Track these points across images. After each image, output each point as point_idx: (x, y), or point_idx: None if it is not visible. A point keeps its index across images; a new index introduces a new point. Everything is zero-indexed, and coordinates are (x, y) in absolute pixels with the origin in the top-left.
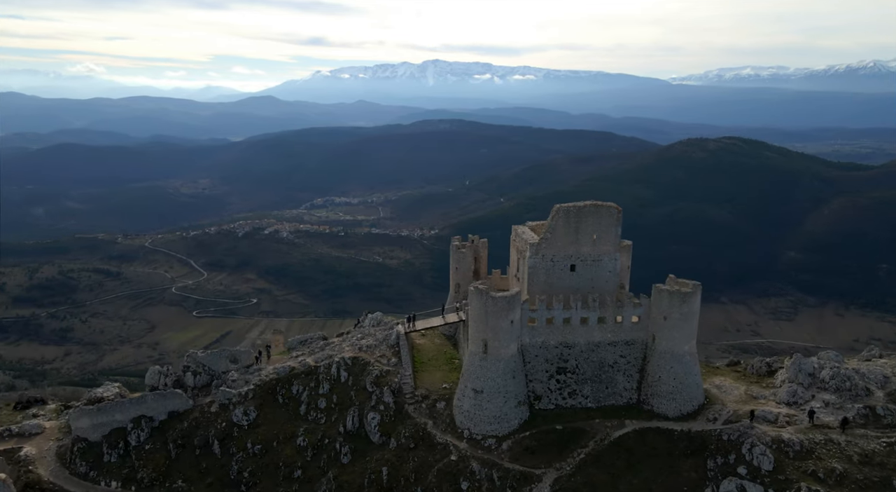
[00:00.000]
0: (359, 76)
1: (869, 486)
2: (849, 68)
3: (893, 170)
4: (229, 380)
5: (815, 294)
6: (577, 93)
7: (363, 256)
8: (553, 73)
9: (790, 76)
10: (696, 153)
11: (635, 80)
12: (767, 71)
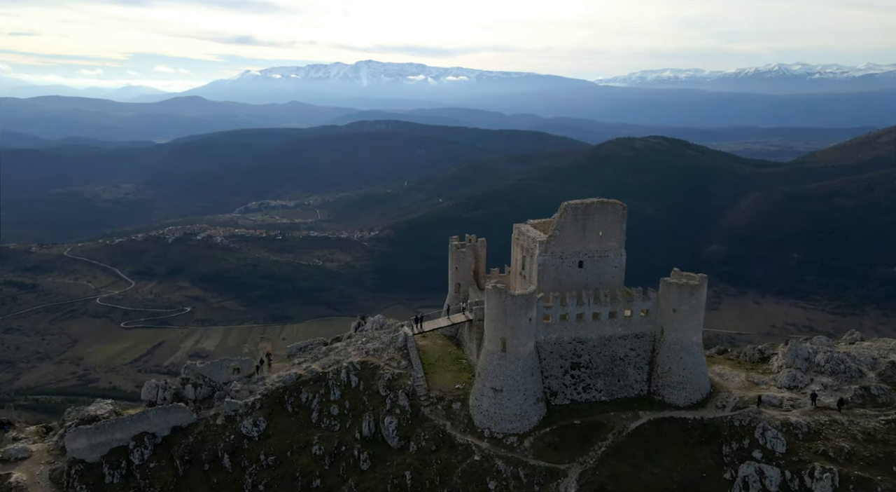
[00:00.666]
0: (291, 76)
1: (875, 462)
2: (757, 71)
3: (800, 166)
4: (233, 391)
5: (735, 284)
6: (509, 94)
7: (302, 259)
8: (486, 75)
9: (706, 79)
10: (625, 152)
11: (564, 82)
12: (685, 74)
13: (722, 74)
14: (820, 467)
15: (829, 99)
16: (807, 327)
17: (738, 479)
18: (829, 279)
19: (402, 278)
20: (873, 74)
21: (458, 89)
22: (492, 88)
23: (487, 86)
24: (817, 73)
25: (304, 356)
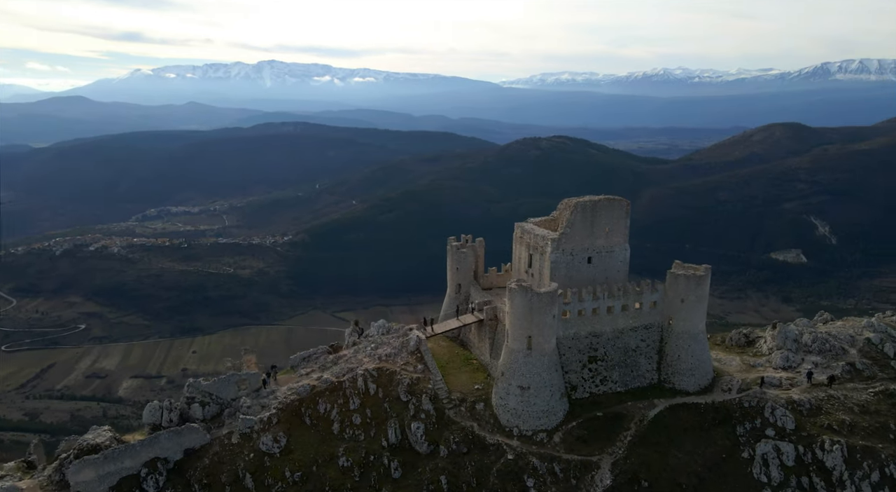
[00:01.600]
0: (187, 76)
1: (874, 432)
2: (645, 75)
3: (687, 164)
4: (243, 407)
5: (637, 273)
6: (416, 95)
7: (211, 267)
8: (393, 76)
9: (600, 81)
10: (531, 151)
11: (470, 83)
12: (581, 76)
13: (614, 77)
14: (829, 439)
15: (707, 101)
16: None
17: (756, 457)
18: (716, 266)
19: (319, 283)
20: (744, 78)
21: (365, 91)
22: (399, 90)
23: (395, 87)
24: (696, 77)
25: (310, 366)
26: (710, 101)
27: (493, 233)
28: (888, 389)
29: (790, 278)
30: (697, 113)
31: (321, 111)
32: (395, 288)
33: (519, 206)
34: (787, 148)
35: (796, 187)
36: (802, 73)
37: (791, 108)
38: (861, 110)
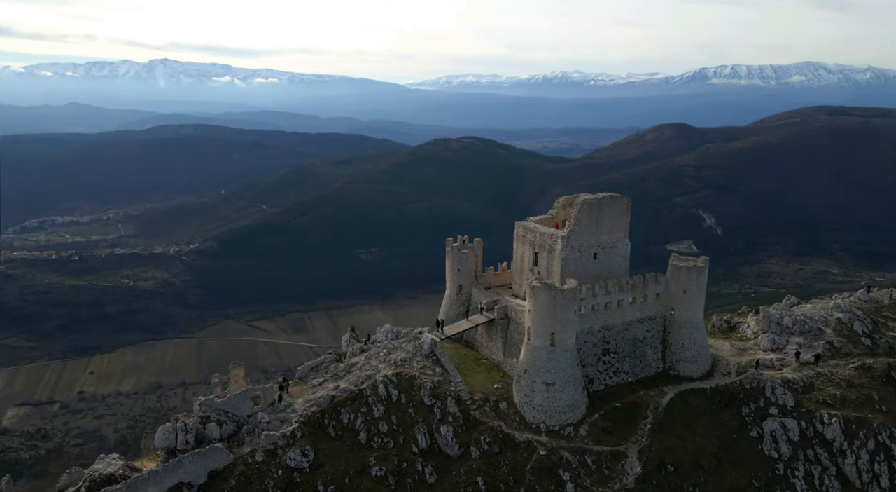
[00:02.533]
0: (67, 74)
1: (862, 403)
2: (545, 78)
3: (589, 162)
4: (262, 422)
5: None
6: (323, 96)
7: (108, 281)
8: (297, 77)
9: (503, 83)
10: (442, 152)
11: (377, 85)
12: (486, 78)
13: (517, 80)
14: (826, 413)
15: (602, 102)
16: None
17: (765, 434)
18: None
19: (231, 292)
20: (633, 82)
21: (269, 92)
22: (305, 91)
23: (300, 88)
24: (592, 80)
25: (321, 376)
26: (604, 102)
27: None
28: (865, 363)
29: None
30: (594, 114)
31: (222, 113)
32: (312, 293)
33: (434, 206)
34: (675, 147)
35: (686, 183)
36: (684, 78)
37: (676, 109)
38: (735, 112)
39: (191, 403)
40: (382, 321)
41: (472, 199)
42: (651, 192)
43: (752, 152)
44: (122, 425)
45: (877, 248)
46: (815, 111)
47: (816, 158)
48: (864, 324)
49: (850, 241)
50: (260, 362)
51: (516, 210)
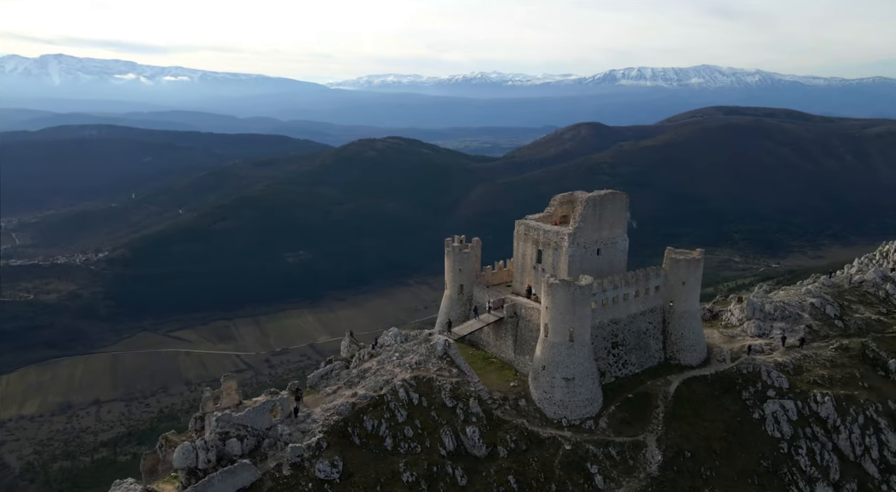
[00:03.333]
0: None
1: (848, 382)
2: (465, 78)
3: (511, 161)
4: (284, 435)
5: None
6: (240, 96)
7: (4, 295)
8: (210, 75)
9: (424, 84)
10: (367, 152)
11: (297, 85)
12: (407, 78)
13: (438, 80)
14: (819, 393)
15: (520, 102)
16: None
17: (767, 416)
18: None
19: (147, 302)
20: (549, 82)
21: (179, 91)
22: (219, 90)
23: (214, 87)
24: (510, 81)
25: (334, 383)
26: (522, 102)
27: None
28: (842, 344)
29: None
30: (513, 113)
31: (128, 113)
32: (238, 300)
33: (360, 207)
34: (591, 145)
35: (602, 180)
36: (595, 79)
37: (590, 109)
38: (643, 111)
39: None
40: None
41: (398, 199)
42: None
43: (662, 150)
44: (26, 451)
45: (770, 236)
46: (714, 111)
47: (717, 154)
48: (834, 307)
49: (748, 230)
50: (183, 374)
51: (443, 209)
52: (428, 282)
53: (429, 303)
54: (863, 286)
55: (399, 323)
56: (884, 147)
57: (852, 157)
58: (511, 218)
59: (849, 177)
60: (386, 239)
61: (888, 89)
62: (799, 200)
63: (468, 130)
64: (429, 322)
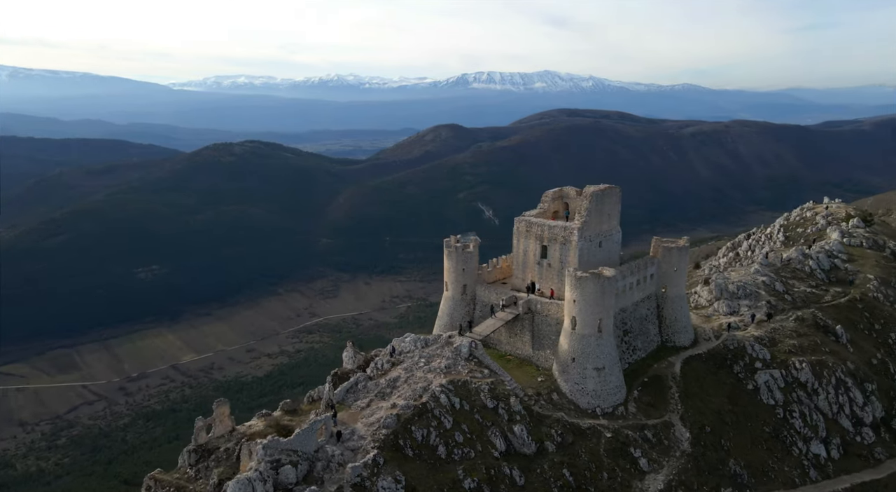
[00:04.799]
0: None
1: (814, 349)
2: (321, 81)
3: (376, 163)
4: (336, 456)
5: (347, 271)
6: (63, 96)
7: None
8: (23, 72)
9: (279, 85)
10: (224, 157)
11: (133, 85)
12: (259, 80)
13: (293, 82)
14: (797, 361)
15: (378, 105)
16: (407, 297)
17: (760, 386)
18: (414, 254)
19: None
20: (405, 85)
21: None
22: (36, 89)
23: (28, 86)
24: (367, 83)
25: (362, 396)
26: (380, 105)
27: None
28: (798, 316)
29: None
30: (372, 116)
31: None
32: (81, 324)
33: (221, 215)
34: (452, 146)
35: (465, 179)
36: (449, 82)
37: (446, 111)
38: (496, 113)
39: None
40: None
41: (262, 205)
42: (436, 188)
43: (517, 149)
44: None
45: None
46: (558, 113)
47: (564, 152)
48: (780, 284)
49: None
50: (15, 415)
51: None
52: (299, 289)
53: (301, 310)
54: (791, 264)
55: (272, 334)
56: (697, 145)
57: (673, 154)
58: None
59: (672, 171)
60: (251, 247)
61: (695, 95)
62: (635, 193)
63: (328, 133)
64: (304, 330)
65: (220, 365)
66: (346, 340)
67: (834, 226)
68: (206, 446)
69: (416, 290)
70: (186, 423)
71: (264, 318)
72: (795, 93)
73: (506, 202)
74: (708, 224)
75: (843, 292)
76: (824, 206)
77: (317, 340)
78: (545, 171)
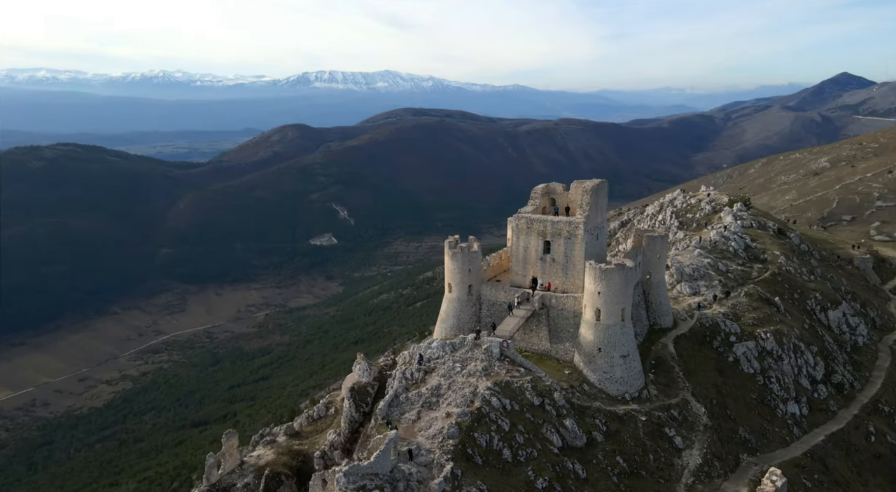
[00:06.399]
0: None
1: (768, 319)
2: (144, 77)
3: (219, 165)
4: (413, 474)
5: (194, 282)
6: None
7: None
8: None
9: (91, 81)
10: (32, 162)
11: None
12: (66, 75)
13: (109, 78)
14: (762, 331)
15: (214, 104)
16: (265, 304)
17: (739, 357)
18: (269, 260)
19: None
20: (243, 84)
21: None
22: None
23: None
24: (198, 81)
25: (410, 409)
26: (216, 104)
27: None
28: (745, 291)
29: (328, 259)
30: (207, 116)
31: None
32: None
33: (35, 229)
34: (300, 146)
35: (317, 180)
36: (290, 81)
37: (289, 111)
38: (341, 113)
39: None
40: None
41: (86, 215)
42: (287, 191)
43: (367, 148)
44: None
45: (466, 222)
46: (404, 112)
47: (413, 151)
48: (721, 264)
49: (449, 218)
50: None
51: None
52: (139, 306)
53: (143, 329)
54: (718, 245)
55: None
56: (532, 142)
57: (512, 150)
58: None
59: (512, 167)
60: (76, 263)
61: (525, 95)
62: (482, 187)
63: (158, 135)
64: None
65: (44, 400)
66: (357, 353)
67: (727, 211)
68: (220, 485)
69: (273, 296)
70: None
71: (97, 341)
72: (606, 94)
73: (360, 202)
74: None
75: (764, 268)
76: (706, 194)
77: (165, 360)
78: (396, 169)
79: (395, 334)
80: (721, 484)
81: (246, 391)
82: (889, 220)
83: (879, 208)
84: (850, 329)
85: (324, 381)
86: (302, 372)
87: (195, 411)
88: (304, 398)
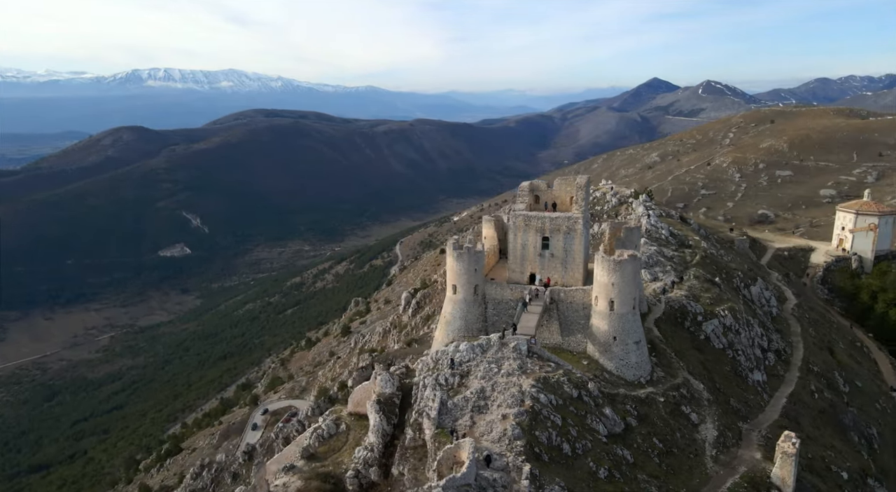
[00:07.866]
0: None
1: (719, 299)
2: None
3: (37, 172)
4: (498, 480)
5: (15, 308)
6: None
7: None
8: None
9: None
10: None
11: None
12: None
13: None
14: (720, 310)
15: (21, 103)
16: (108, 326)
17: (710, 334)
18: (111, 276)
19: None
20: (57, 81)
21: None
22: None
23: None
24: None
25: (460, 415)
26: (25, 103)
27: None
28: (693, 274)
29: (182, 271)
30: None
31: None
32: None
33: None
34: (139, 150)
35: (162, 187)
36: (118, 78)
37: (118, 111)
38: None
39: None
40: None
41: None
42: (127, 199)
43: (217, 151)
44: None
45: (327, 224)
46: (255, 113)
47: (267, 153)
48: (666, 250)
49: (310, 221)
50: None
51: None
52: None
53: None
54: (651, 233)
55: None
56: (389, 142)
57: (370, 150)
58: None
59: (370, 167)
60: None
61: (378, 96)
62: (342, 189)
63: None
64: None
65: None
66: (377, 364)
67: (637, 202)
68: None
69: (119, 316)
70: None
71: None
72: (454, 95)
73: (213, 208)
74: (409, 213)
75: (693, 252)
76: (609, 187)
77: None
78: (251, 173)
79: (269, 345)
80: (738, 452)
81: (96, 424)
82: (712, 206)
83: (704, 196)
84: (765, 302)
85: (193, 402)
86: (164, 395)
87: (30, 455)
88: (172, 423)
